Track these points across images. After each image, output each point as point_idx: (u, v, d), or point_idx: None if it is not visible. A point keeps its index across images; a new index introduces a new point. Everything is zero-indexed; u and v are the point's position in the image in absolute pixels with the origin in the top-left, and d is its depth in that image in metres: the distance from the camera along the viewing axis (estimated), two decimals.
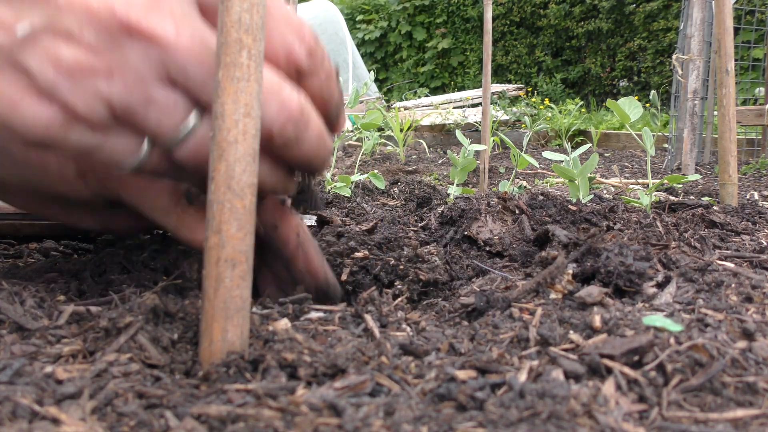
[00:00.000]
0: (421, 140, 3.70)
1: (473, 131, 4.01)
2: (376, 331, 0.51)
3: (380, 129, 3.32)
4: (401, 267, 0.67)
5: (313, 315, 0.54)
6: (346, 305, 0.58)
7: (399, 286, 0.64)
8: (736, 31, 3.31)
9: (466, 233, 0.82)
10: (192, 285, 0.60)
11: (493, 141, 2.84)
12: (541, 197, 0.92)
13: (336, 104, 0.59)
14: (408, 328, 0.53)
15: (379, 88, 7.43)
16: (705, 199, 1.32)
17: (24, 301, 0.52)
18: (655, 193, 1.32)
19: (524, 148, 1.52)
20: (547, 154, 1.18)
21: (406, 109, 4.58)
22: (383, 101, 5.25)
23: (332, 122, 0.60)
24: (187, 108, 0.48)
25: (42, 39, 0.44)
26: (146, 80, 0.46)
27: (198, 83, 0.46)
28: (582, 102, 5.50)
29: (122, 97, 0.46)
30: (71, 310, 0.53)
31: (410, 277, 0.65)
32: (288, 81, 0.50)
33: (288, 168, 0.55)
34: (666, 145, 2.97)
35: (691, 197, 1.54)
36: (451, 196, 1.30)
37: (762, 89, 3.49)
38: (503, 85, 6.11)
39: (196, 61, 0.46)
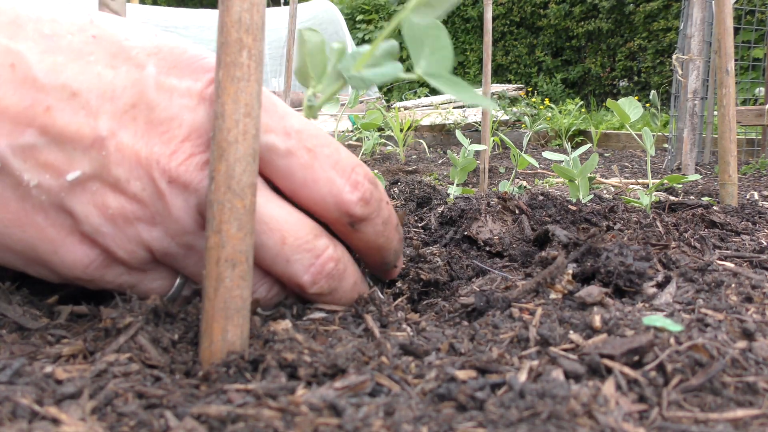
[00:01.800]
0: (421, 140, 3.70)
1: (473, 131, 4.01)
2: (376, 331, 0.51)
3: (380, 129, 3.32)
4: (402, 266, 0.67)
5: (316, 315, 0.54)
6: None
7: (399, 285, 0.64)
8: (736, 31, 3.31)
9: (466, 233, 0.82)
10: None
11: (493, 141, 2.84)
12: (541, 197, 0.92)
13: (394, 251, 0.58)
14: (408, 328, 0.53)
15: (379, 88, 7.42)
16: (705, 199, 1.32)
17: (21, 301, 0.52)
18: (655, 193, 1.32)
19: (524, 148, 1.53)
20: (547, 154, 1.18)
21: (406, 109, 4.58)
22: (383, 101, 5.25)
23: (386, 268, 0.60)
24: None
25: (90, 186, 0.45)
26: (186, 227, 0.47)
27: None
28: (582, 102, 5.50)
29: (163, 244, 0.48)
30: (70, 310, 0.53)
31: (411, 277, 0.65)
32: (325, 233, 0.51)
33: None
34: (666, 145, 2.97)
35: (691, 197, 1.54)
36: (451, 196, 1.30)
37: (762, 89, 3.49)
38: (503, 85, 6.11)
39: None
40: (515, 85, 5.97)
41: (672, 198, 1.36)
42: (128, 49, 0.46)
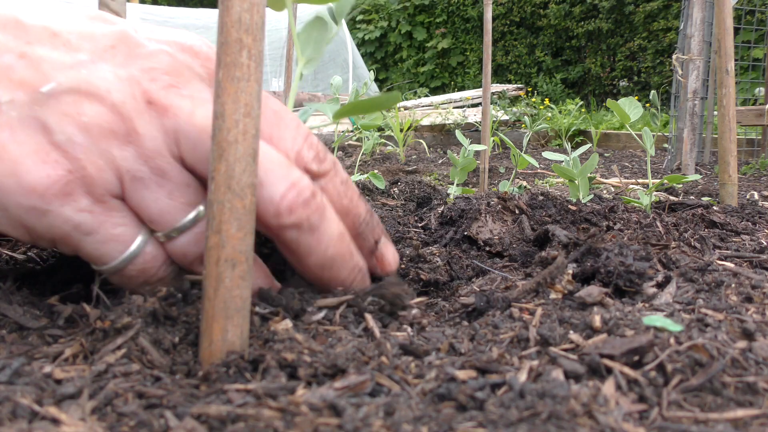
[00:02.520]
0: (421, 140, 3.70)
1: (473, 131, 4.01)
2: (376, 331, 0.51)
3: (380, 129, 3.32)
4: (402, 266, 0.67)
5: (317, 316, 0.54)
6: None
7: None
8: (736, 31, 3.31)
9: (466, 233, 0.82)
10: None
11: (493, 141, 2.84)
12: (541, 197, 0.92)
13: (364, 220, 0.57)
14: (408, 328, 0.53)
15: (379, 88, 7.43)
16: (705, 199, 1.32)
17: (22, 301, 0.52)
18: (655, 193, 1.32)
19: (524, 148, 1.53)
20: (547, 154, 1.18)
21: (406, 109, 4.58)
22: None
23: (364, 241, 0.57)
24: (195, 195, 0.49)
25: (66, 98, 0.45)
26: (161, 151, 0.47)
27: (207, 161, 0.47)
28: (582, 102, 5.50)
29: (134, 166, 0.47)
30: (71, 310, 0.53)
31: (410, 277, 0.65)
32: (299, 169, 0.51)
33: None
34: (666, 145, 2.97)
35: (691, 197, 1.54)
36: (451, 196, 1.31)
37: (762, 89, 3.49)
38: (503, 85, 6.11)
39: (208, 138, 0.47)
40: (515, 85, 5.97)
41: (672, 198, 1.36)
42: (101, 16, 0.51)
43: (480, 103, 4.79)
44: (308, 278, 0.54)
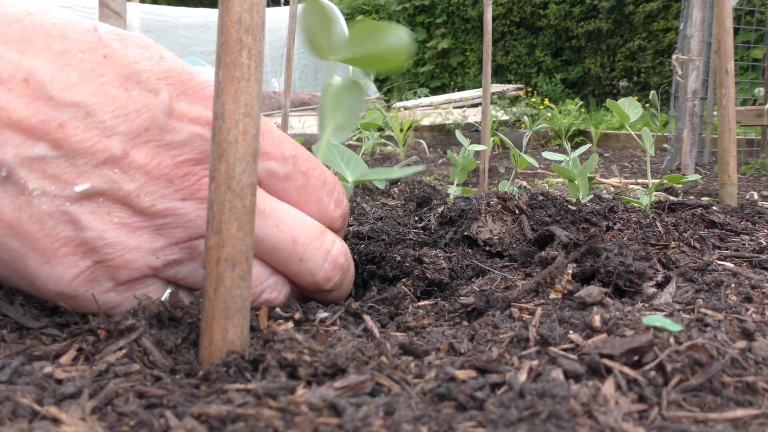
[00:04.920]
0: (421, 140, 3.70)
1: (473, 131, 4.01)
2: (376, 331, 0.51)
3: (380, 129, 3.32)
4: (406, 264, 0.67)
5: (321, 315, 0.54)
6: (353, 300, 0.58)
7: (404, 281, 0.65)
8: (736, 31, 3.31)
9: (466, 233, 0.82)
10: None
11: (493, 141, 2.84)
12: (540, 197, 0.92)
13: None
14: (409, 326, 0.53)
15: (379, 88, 7.42)
16: (705, 199, 1.32)
17: (24, 301, 0.52)
18: (655, 193, 1.32)
19: (524, 148, 1.52)
20: (547, 154, 1.18)
21: (406, 109, 4.58)
22: (383, 101, 5.25)
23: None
24: None
25: (97, 198, 0.46)
26: (194, 236, 0.49)
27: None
28: (582, 102, 5.49)
29: (165, 252, 0.49)
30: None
31: (416, 274, 0.65)
32: (328, 230, 0.56)
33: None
34: (666, 145, 2.97)
35: (691, 197, 1.54)
36: (451, 196, 1.31)
37: (761, 89, 3.49)
38: (503, 85, 6.11)
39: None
40: (515, 85, 5.97)
41: (672, 198, 1.36)
42: (139, 73, 0.47)
43: (480, 103, 4.79)
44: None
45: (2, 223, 0.45)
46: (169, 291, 0.51)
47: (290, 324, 0.52)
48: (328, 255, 0.54)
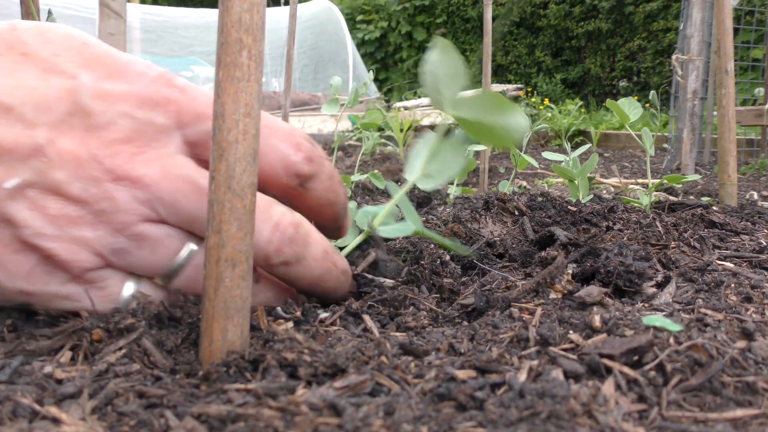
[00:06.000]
0: None
1: None
2: (376, 331, 0.51)
3: (380, 129, 3.31)
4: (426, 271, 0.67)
5: (321, 315, 0.54)
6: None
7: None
8: (736, 31, 3.31)
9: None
10: None
11: None
12: (540, 198, 0.92)
13: (343, 205, 0.59)
14: (408, 328, 0.53)
15: (379, 88, 7.43)
16: (704, 199, 1.32)
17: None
18: (655, 193, 1.32)
19: (524, 148, 1.52)
20: (547, 154, 1.18)
21: (406, 109, 4.58)
22: (383, 101, 5.25)
23: (338, 225, 0.61)
24: (181, 240, 0.49)
25: (28, 192, 0.45)
26: (134, 219, 0.47)
27: (188, 216, 0.48)
28: (582, 102, 5.50)
29: (109, 241, 0.47)
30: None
31: (429, 272, 0.65)
32: (277, 202, 0.52)
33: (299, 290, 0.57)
34: (665, 145, 2.97)
35: (691, 197, 1.54)
36: (451, 196, 1.31)
37: (761, 89, 3.49)
38: (503, 85, 6.11)
39: (183, 196, 0.47)
40: (515, 85, 5.97)
41: (672, 198, 1.36)
42: (59, 63, 0.47)
43: None
44: (300, 291, 0.58)
45: None
46: (132, 285, 0.50)
47: (290, 324, 0.52)
48: (276, 227, 0.50)
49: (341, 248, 0.64)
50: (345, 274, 0.58)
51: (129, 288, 0.50)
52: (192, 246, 0.50)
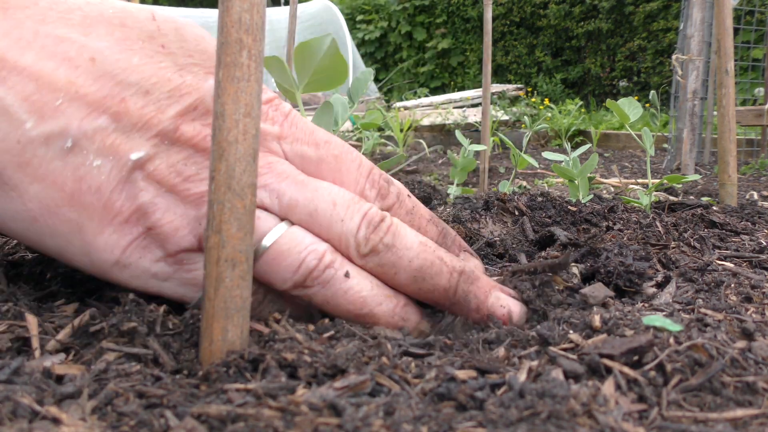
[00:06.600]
0: (421, 140, 3.70)
1: (473, 131, 4.01)
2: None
3: (380, 129, 3.32)
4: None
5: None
6: None
7: None
8: (736, 31, 3.31)
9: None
10: None
11: (493, 141, 2.84)
12: (540, 198, 0.92)
13: (438, 242, 0.58)
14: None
15: (379, 88, 7.42)
16: (704, 199, 1.32)
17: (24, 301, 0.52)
18: (655, 193, 1.32)
19: (524, 148, 1.52)
20: (547, 154, 1.18)
21: (406, 109, 4.58)
22: (383, 101, 5.25)
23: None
24: (272, 221, 0.50)
25: (149, 166, 0.48)
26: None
27: (287, 206, 0.51)
28: (582, 102, 5.50)
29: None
30: (74, 309, 0.53)
31: None
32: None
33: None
34: (666, 145, 2.97)
35: (691, 197, 1.54)
36: (451, 196, 1.31)
37: (761, 89, 3.50)
38: (503, 85, 6.11)
39: (287, 188, 0.51)
40: (515, 85, 5.97)
41: (672, 198, 1.36)
42: (191, 66, 0.51)
43: (480, 103, 4.79)
44: (409, 296, 0.54)
45: (63, 194, 0.47)
46: None
47: (290, 324, 0.52)
48: (365, 215, 0.51)
49: None
50: (464, 274, 0.53)
51: None
52: (282, 225, 0.50)
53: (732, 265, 0.72)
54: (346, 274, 0.51)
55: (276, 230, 0.49)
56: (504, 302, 0.53)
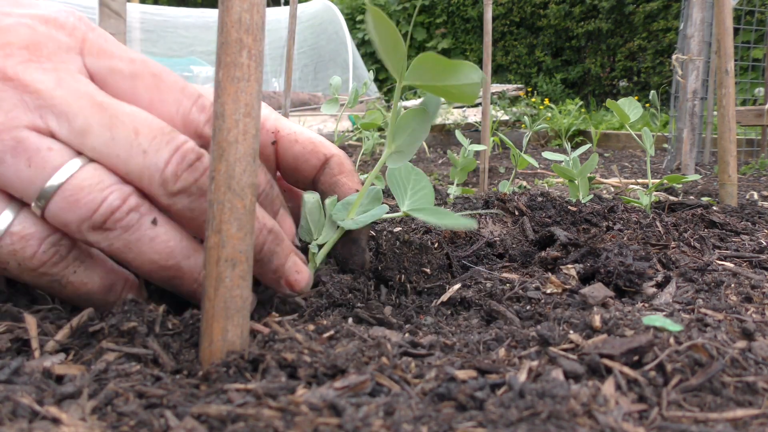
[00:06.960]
0: None
1: (473, 131, 4.01)
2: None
3: (380, 129, 3.31)
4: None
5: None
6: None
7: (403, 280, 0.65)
8: (736, 31, 3.31)
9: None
10: None
11: (493, 141, 2.84)
12: (540, 198, 0.92)
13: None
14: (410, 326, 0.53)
15: (379, 88, 7.42)
16: (704, 199, 1.32)
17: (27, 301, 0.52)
18: (655, 193, 1.32)
19: (524, 148, 1.52)
20: (547, 154, 1.18)
21: (405, 109, 4.58)
22: (383, 101, 5.25)
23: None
24: (66, 154, 0.45)
25: None
26: (17, 125, 0.44)
27: (80, 128, 0.45)
28: (582, 102, 5.50)
29: None
30: (71, 308, 0.53)
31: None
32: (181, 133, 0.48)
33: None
34: (666, 145, 2.97)
35: (691, 197, 1.54)
36: (451, 196, 1.30)
37: (761, 89, 3.50)
38: (503, 85, 6.11)
39: (79, 107, 0.45)
40: (515, 85, 5.97)
41: (672, 198, 1.36)
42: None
43: (480, 103, 4.79)
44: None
45: None
46: (9, 215, 0.46)
47: (290, 324, 0.52)
48: (177, 149, 0.46)
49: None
50: (273, 232, 0.50)
51: (6, 218, 0.45)
52: (77, 161, 0.45)
53: (732, 265, 0.72)
54: (154, 221, 0.46)
55: (69, 166, 0.44)
56: (300, 268, 0.52)
